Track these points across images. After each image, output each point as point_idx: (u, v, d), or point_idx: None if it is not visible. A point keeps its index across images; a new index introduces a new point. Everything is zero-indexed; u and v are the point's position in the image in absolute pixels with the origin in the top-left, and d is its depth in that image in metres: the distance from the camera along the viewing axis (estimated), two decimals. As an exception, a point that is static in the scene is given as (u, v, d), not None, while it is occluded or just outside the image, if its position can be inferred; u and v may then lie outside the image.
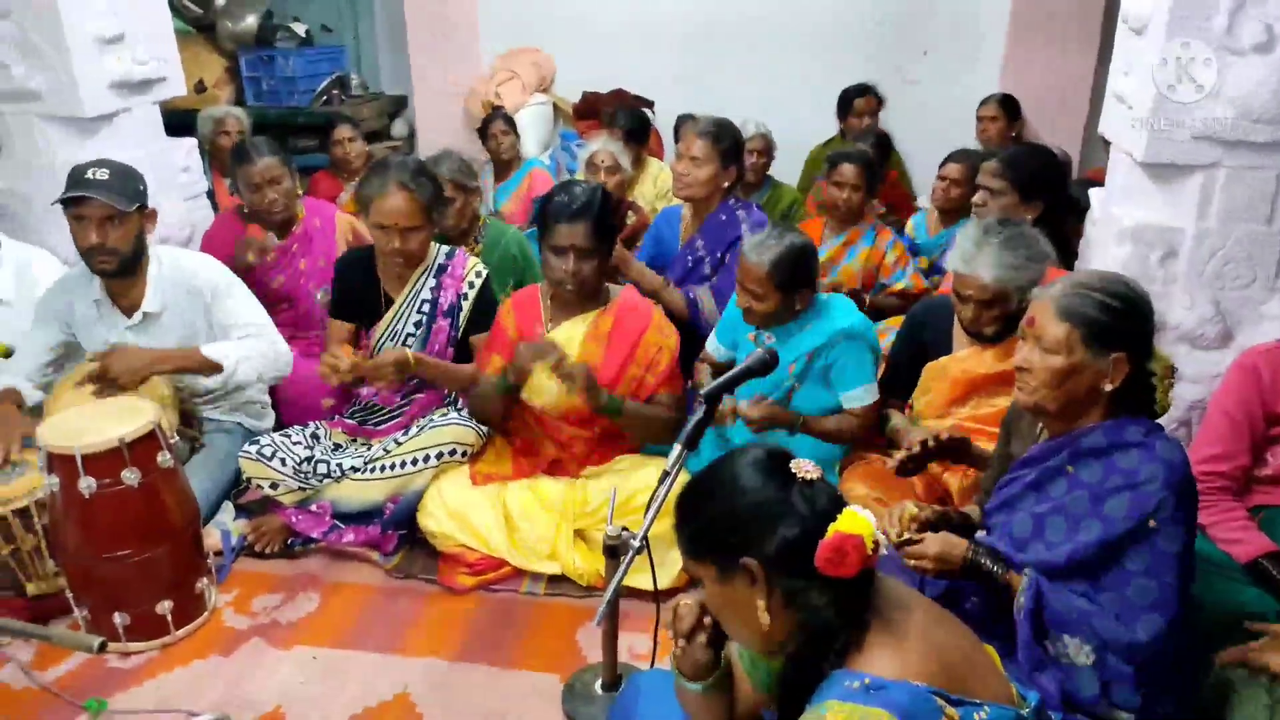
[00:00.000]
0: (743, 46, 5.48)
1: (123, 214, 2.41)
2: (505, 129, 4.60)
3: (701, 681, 1.42)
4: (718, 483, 1.24)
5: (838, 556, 1.13)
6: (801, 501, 1.18)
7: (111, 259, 2.45)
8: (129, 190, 2.44)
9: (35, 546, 2.27)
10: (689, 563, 1.27)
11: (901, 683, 1.11)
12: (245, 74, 5.50)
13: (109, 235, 2.41)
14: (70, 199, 2.39)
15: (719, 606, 1.26)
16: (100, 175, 2.40)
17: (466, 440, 2.57)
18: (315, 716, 1.99)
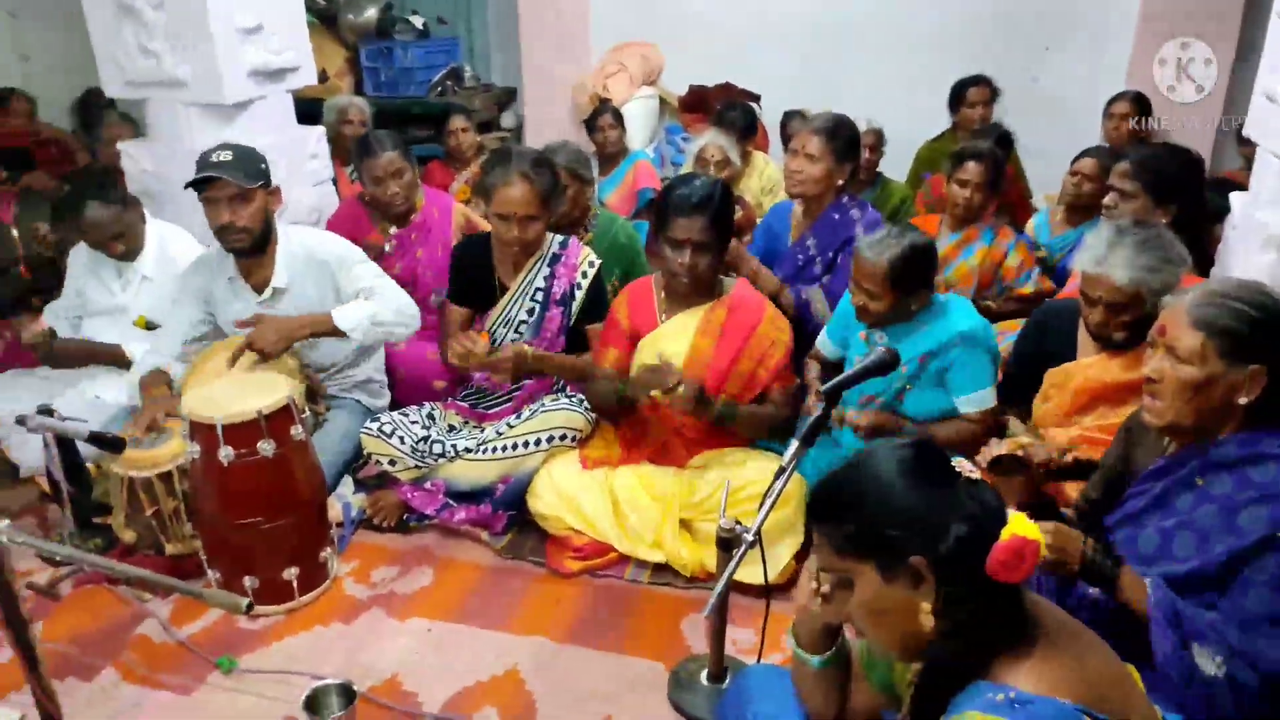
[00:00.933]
0: (856, 42, 5.40)
1: (248, 191, 2.53)
2: (612, 123, 4.63)
3: (819, 655, 1.41)
4: (873, 479, 1.18)
5: (1014, 560, 1.09)
6: (971, 501, 1.14)
7: (243, 236, 2.58)
8: (252, 169, 2.56)
9: (175, 510, 2.41)
10: (836, 562, 1.21)
11: (1049, 699, 1.06)
12: (365, 65, 5.69)
13: (239, 214, 2.54)
14: (199, 181, 2.52)
15: (869, 608, 1.19)
16: (224, 157, 2.52)
17: (576, 425, 2.61)
18: (430, 686, 2.06)
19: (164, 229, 3.07)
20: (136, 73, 3.14)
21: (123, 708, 2.01)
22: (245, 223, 2.54)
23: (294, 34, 3.31)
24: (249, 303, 2.75)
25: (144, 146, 3.34)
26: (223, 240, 2.59)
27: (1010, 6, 5.06)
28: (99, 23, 3.12)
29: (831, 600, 1.25)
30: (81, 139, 5.29)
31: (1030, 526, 1.11)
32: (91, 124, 5.25)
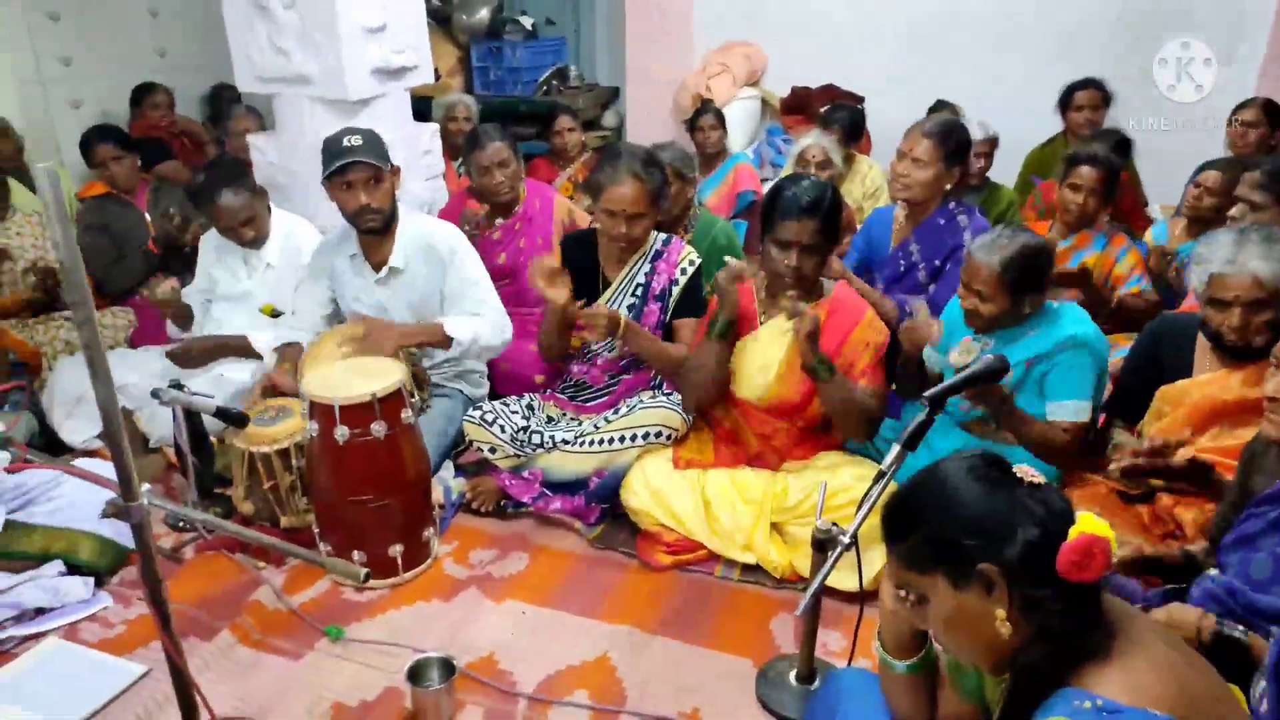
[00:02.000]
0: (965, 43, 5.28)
1: (381, 173, 2.67)
2: (714, 123, 4.65)
3: (906, 660, 1.41)
4: (937, 489, 1.20)
5: (1084, 559, 1.08)
6: (1036, 504, 1.14)
7: (377, 217, 2.72)
8: (380, 151, 2.70)
9: (291, 484, 2.55)
10: (909, 576, 1.22)
11: (1140, 710, 1.05)
12: (475, 64, 5.86)
13: (374, 195, 2.68)
14: (339, 168, 2.65)
15: (946, 620, 1.20)
16: (356, 142, 2.66)
17: (672, 424, 2.64)
18: (523, 666, 2.13)
19: (288, 219, 3.23)
20: (267, 69, 3.32)
21: (238, 668, 2.14)
22: (379, 203, 2.68)
23: (415, 34, 3.45)
24: (367, 280, 2.88)
25: (271, 139, 3.53)
26: (359, 222, 2.73)
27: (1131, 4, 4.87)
28: (235, 21, 3.31)
29: (912, 614, 1.26)
30: (211, 131, 5.60)
31: (1099, 524, 1.10)
32: (220, 117, 5.55)
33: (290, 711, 2.00)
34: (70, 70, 5.31)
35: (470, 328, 2.78)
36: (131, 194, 3.92)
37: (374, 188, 2.68)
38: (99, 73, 5.40)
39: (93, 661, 2.13)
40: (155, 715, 1.98)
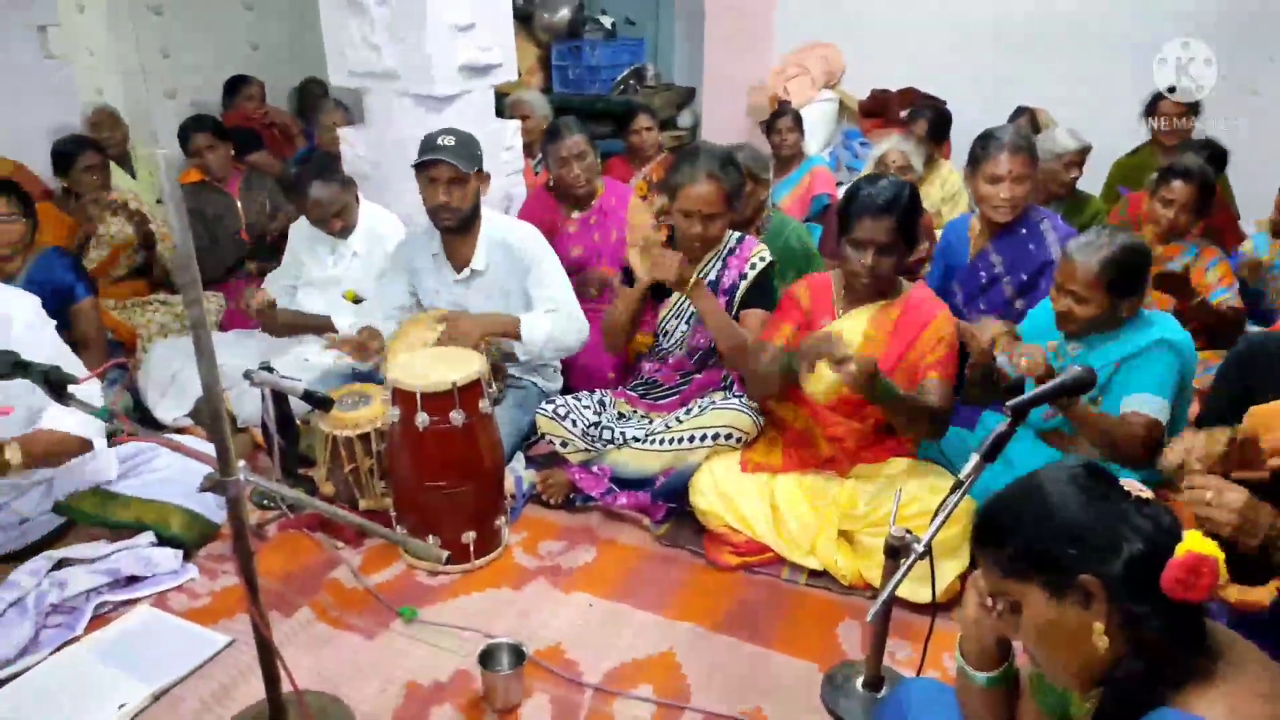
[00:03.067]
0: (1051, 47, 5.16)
1: (465, 175, 2.72)
2: (791, 125, 4.63)
3: (986, 673, 1.40)
4: (1038, 497, 1.18)
5: (1190, 578, 1.06)
6: (1143, 519, 1.13)
7: (453, 216, 2.78)
8: (470, 154, 2.75)
9: (370, 468, 2.63)
10: (1003, 584, 1.21)
11: None
12: (555, 62, 5.93)
13: (454, 195, 2.74)
14: (424, 163, 2.72)
15: (1040, 629, 1.18)
16: (448, 142, 2.72)
17: (743, 426, 2.65)
18: (589, 657, 2.16)
19: (374, 210, 3.33)
20: (359, 64, 3.42)
21: (317, 643, 2.22)
22: (458, 204, 2.74)
23: (501, 32, 3.51)
24: (447, 280, 2.95)
25: (360, 133, 3.63)
26: (435, 218, 2.80)
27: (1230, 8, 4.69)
28: (330, 17, 3.41)
29: (1001, 623, 1.24)
30: (299, 124, 5.78)
31: (1207, 543, 1.08)
32: (308, 110, 5.73)
33: (365, 687, 2.06)
34: (168, 62, 5.54)
35: (544, 327, 2.83)
36: (225, 182, 4.08)
37: (455, 188, 2.74)
38: (195, 64, 5.63)
39: (180, 630, 2.23)
40: (238, 684, 2.07)
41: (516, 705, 2.00)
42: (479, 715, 1.99)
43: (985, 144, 2.94)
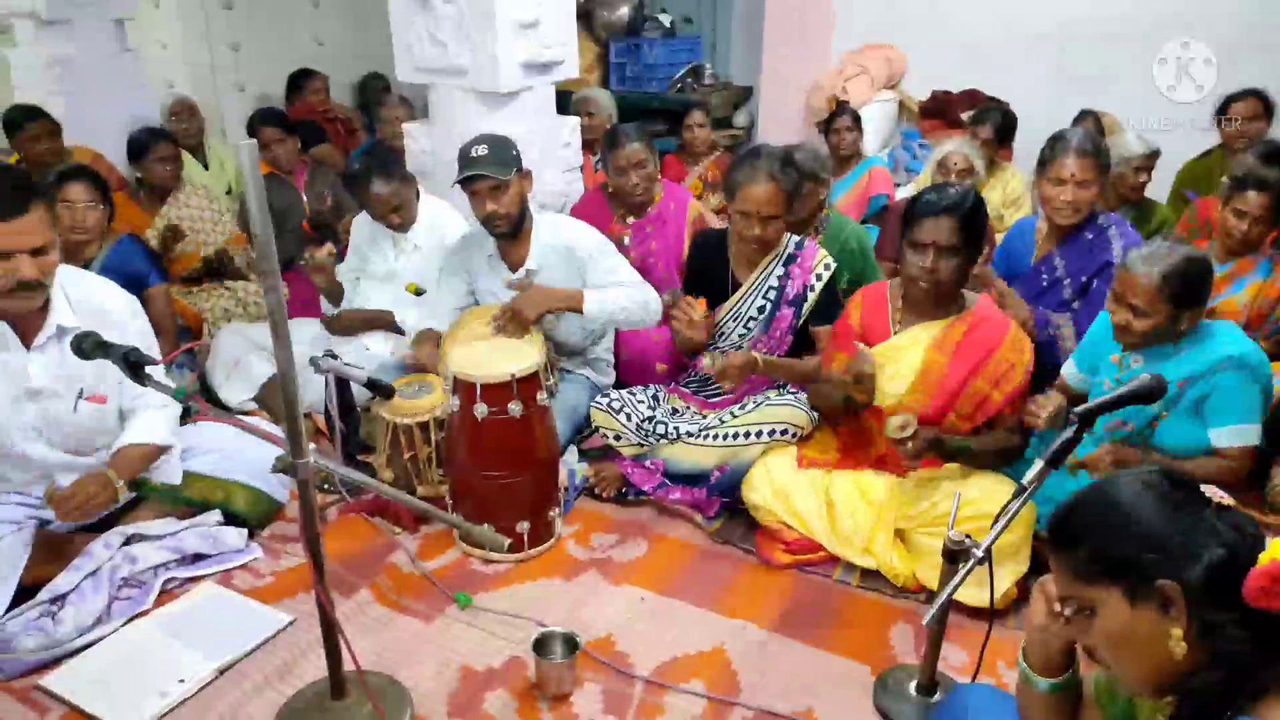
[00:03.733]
0: (1118, 49, 5.05)
1: (505, 182, 2.74)
2: (850, 125, 4.59)
3: (1050, 679, 1.38)
4: (1120, 501, 1.17)
5: (1275, 586, 1.04)
6: (1225, 526, 1.11)
7: (504, 222, 2.81)
8: (506, 158, 2.75)
9: (428, 456, 2.68)
10: (1077, 587, 1.20)
11: None
12: (613, 60, 5.96)
13: (499, 201, 2.76)
14: (464, 178, 2.75)
15: (1114, 635, 1.17)
16: (481, 152, 2.73)
17: (798, 423, 2.64)
18: (640, 650, 2.18)
19: (435, 204, 3.38)
20: (425, 60, 3.47)
21: (375, 624, 2.26)
22: (505, 209, 2.76)
23: (564, 30, 3.54)
24: (502, 280, 2.98)
25: (424, 128, 3.70)
26: (487, 227, 2.84)
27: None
28: (399, 14, 3.48)
29: (1073, 627, 1.23)
30: (361, 118, 5.89)
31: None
32: (369, 105, 5.83)
33: (421, 669, 2.10)
34: (237, 56, 5.69)
35: (610, 301, 2.83)
36: (291, 174, 4.18)
37: (498, 195, 2.75)
38: (262, 59, 5.77)
39: (243, 607, 2.29)
40: (299, 661, 2.12)
41: (568, 694, 2.03)
42: (531, 702, 2.01)
43: (1053, 146, 2.90)
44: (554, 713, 1.99)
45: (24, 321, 2.19)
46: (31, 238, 2.03)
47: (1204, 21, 4.81)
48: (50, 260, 2.11)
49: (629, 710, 2.00)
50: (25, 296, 2.10)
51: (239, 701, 2.00)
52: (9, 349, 2.18)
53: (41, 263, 2.08)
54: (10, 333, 2.18)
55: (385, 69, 6.03)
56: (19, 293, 2.08)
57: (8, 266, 2.03)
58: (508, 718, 1.97)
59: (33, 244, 2.04)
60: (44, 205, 2.07)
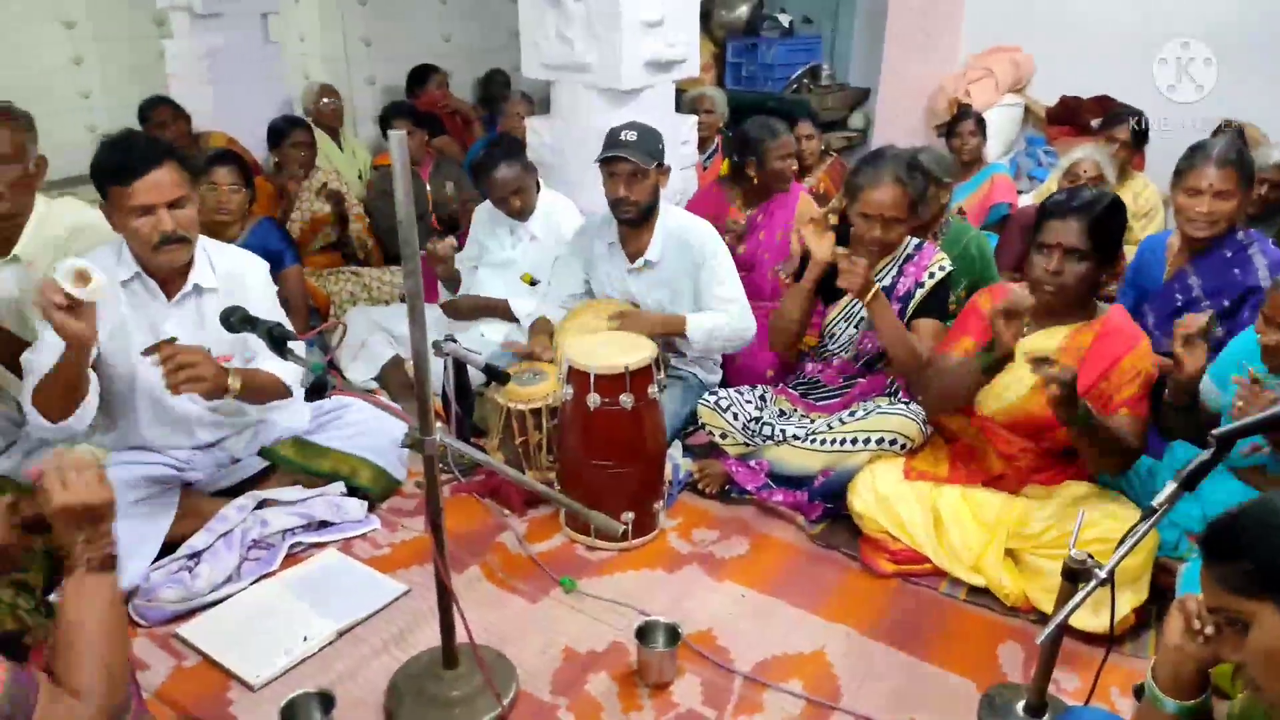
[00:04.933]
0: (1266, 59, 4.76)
1: (645, 170, 2.79)
2: (974, 129, 4.47)
3: (1180, 702, 1.34)
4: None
5: None
6: None
7: (632, 209, 2.86)
8: (652, 149, 2.82)
9: (539, 442, 2.75)
10: (1230, 600, 1.16)
11: None
12: (729, 59, 5.97)
13: (633, 189, 2.82)
14: (607, 158, 2.81)
15: (1270, 652, 1.13)
16: (630, 137, 2.80)
17: (909, 433, 2.60)
18: (740, 646, 2.19)
19: (553, 197, 3.46)
20: (551, 56, 3.56)
21: (483, 601, 2.34)
22: (637, 197, 2.82)
23: (687, 29, 3.57)
24: (620, 269, 3.04)
25: (546, 123, 3.78)
26: (615, 210, 2.89)
27: None
28: (529, 12, 3.57)
29: (1220, 643, 1.19)
30: (478, 112, 6.06)
31: None
32: (491, 100, 6.00)
33: (527, 647, 2.17)
34: (369, 50, 5.92)
35: (710, 327, 2.90)
36: (418, 165, 4.34)
37: (635, 182, 2.81)
38: (391, 53, 5.99)
39: (363, 575, 2.40)
40: (412, 630, 2.22)
41: (668, 683, 2.06)
42: (632, 688, 2.05)
43: (1192, 155, 2.77)
44: (654, 700, 2.02)
45: (167, 279, 2.35)
46: (168, 191, 2.18)
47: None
48: (188, 214, 2.24)
49: (728, 704, 2.02)
50: (170, 250, 2.24)
51: (357, 663, 2.11)
52: (153, 302, 2.35)
53: (179, 216, 2.21)
54: (156, 287, 2.34)
55: (506, 65, 6.20)
56: (164, 246, 2.22)
57: (150, 220, 2.18)
58: (609, 700, 2.02)
59: (169, 197, 2.18)
60: (175, 162, 2.21)
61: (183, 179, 2.23)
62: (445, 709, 1.92)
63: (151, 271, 2.31)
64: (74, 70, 5.08)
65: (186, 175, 2.25)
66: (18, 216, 2.47)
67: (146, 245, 2.21)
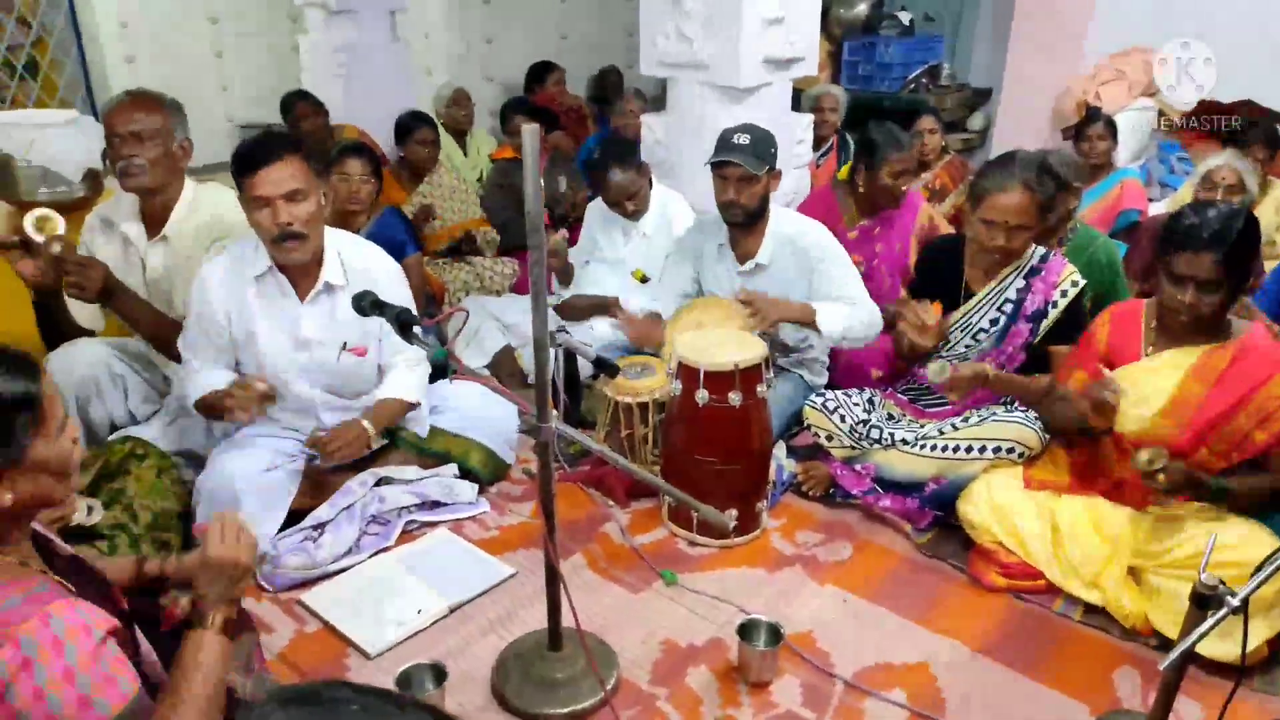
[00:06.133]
0: None
1: (755, 176, 2.78)
2: (1104, 133, 4.29)
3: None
4: None
5: None
6: None
7: (740, 213, 2.85)
8: (763, 153, 2.79)
9: (644, 436, 2.78)
10: None
11: None
12: (846, 57, 5.88)
13: (742, 193, 2.81)
14: (717, 161, 2.81)
15: None
16: (743, 140, 2.78)
17: (1028, 442, 2.52)
18: (842, 651, 2.17)
19: (666, 194, 3.49)
20: (669, 54, 3.58)
21: (586, 587, 2.39)
22: (745, 201, 2.81)
23: (807, 27, 3.55)
24: (730, 271, 3.04)
25: (661, 119, 3.81)
26: (723, 213, 2.89)
27: None
28: (649, 8, 3.60)
29: None
30: (592, 108, 6.15)
31: None
32: (604, 96, 6.07)
33: (627, 636, 2.20)
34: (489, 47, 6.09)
35: (841, 320, 2.83)
36: (533, 160, 4.42)
37: (744, 187, 2.79)
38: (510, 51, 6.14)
39: (473, 555, 2.48)
40: (519, 611, 2.28)
41: (768, 682, 2.06)
42: (732, 683, 2.06)
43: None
44: (753, 698, 2.03)
45: (299, 276, 2.47)
46: (285, 184, 2.27)
47: None
48: (305, 208, 2.32)
49: (828, 708, 2.00)
50: (290, 247, 2.33)
51: (466, 639, 2.18)
52: (286, 299, 2.47)
53: (295, 210, 2.30)
54: (288, 284, 2.46)
55: (620, 63, 6.26)
56: (284, 243, 2.32)
57: (268, 213, 2.29)
58: (709, 695, 2.03)
59: (285, 189, 2.27)
60: (297, 157, 2.31)
61: (305, 174, 2.31)
62: (550, 689, 1.97)
63: (281, 267, 2.44)
64: (216, 63, 5.39)
65: (310, 171, 2.35)
66: (165, 196, 2.62)
67: (267, 238, 2.33)
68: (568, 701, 1.96)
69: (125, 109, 2.51)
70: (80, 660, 1.16)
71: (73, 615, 1.18)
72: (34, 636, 1.14)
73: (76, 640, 1.17)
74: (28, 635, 1.14)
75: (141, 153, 2.49)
